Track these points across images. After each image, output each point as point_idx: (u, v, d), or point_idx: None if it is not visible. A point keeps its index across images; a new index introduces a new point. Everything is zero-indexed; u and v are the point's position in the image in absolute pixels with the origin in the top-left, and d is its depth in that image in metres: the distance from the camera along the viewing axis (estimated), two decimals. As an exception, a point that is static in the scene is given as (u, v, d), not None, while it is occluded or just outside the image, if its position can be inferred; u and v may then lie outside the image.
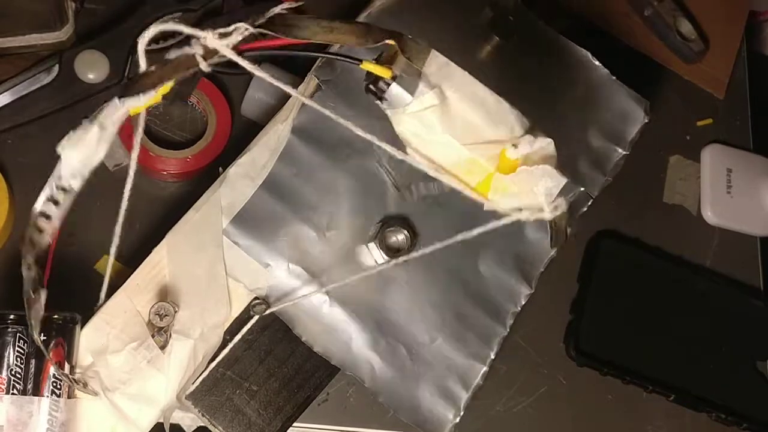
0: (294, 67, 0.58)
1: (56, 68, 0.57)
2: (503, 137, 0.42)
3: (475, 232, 0.43)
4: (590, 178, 0.58)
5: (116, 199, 0.59)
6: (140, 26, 0.58)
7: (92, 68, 0.57)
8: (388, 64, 0.39)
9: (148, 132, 0.58)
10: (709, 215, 0.69)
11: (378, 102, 0.41)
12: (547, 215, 0.41)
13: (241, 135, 0.58)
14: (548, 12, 0.62)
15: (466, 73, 0.41)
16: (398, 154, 0.41)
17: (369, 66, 0.39)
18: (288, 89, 0.39)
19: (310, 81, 0.53)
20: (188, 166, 0.57)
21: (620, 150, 0.59)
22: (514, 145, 0.41)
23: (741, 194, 0.70)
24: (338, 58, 0.42)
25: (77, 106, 0.57)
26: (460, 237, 0.43)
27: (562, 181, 0.41)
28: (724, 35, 0.75)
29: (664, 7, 0.72)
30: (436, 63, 0.41)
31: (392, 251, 0.52)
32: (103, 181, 0.45)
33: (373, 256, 0.52)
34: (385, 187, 0.54)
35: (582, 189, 0.57)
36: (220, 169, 0.52)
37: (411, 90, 0.40)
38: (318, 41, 0.38)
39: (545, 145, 0.42)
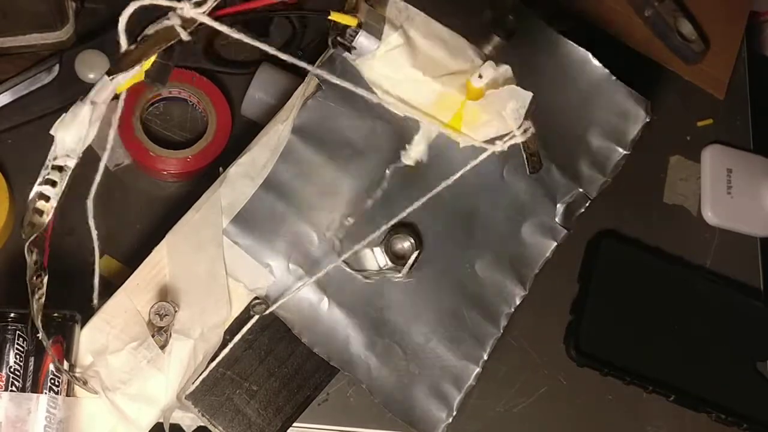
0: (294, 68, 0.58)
1: (57, 68, 0.57)
2: (466, 67, 0.45)
3: (457, 175, 0.46)
4: (589, 178, 0.58)
5: (117, 199, 0.59)
6: (140, 26, 0.58)
7: (92, 68, 0.57)
8: (353, 12, 0.42)
9: (148, 132, 0.58)
10: (710, 215, 0.69)
11: (347, 54, 0.44)
12: (518, 138, 0.44)
13: (242, 135, 0.58)
14: (549, 12, 0.62)
15: (423, 13, 0.44)
16: (370, 96, 0.43)
17: (337, 16, 0.42)
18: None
19: (311, 81, 0.53)
20: (188, 166, 0.57)
21: (621, 150, 0.59)
22: (479, 75, 0.44)
23: (741, 195, 0.70)
24: (307, 13, 0.45)
25: (78, 105, 0.57)
26: (443, 185, 0.47)
27: (528, 96, 0.44)
28: (725, 36, 0.75)
29: (665, 7, 0.72)
30: (396, 6, 0.43)
31: (397, 258, 0.52)
32: (103, 180, 0.45)
33: (377, 261, 0.52)
34: (385, 186, 0.53)
35: (580, 190, 0.57)
36: (221, 169, 0.52)
37: (377, 35, 0.43)
38: None
39: (504, 70, 0.45)
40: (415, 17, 0.44)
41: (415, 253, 0.51)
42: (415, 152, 0.52)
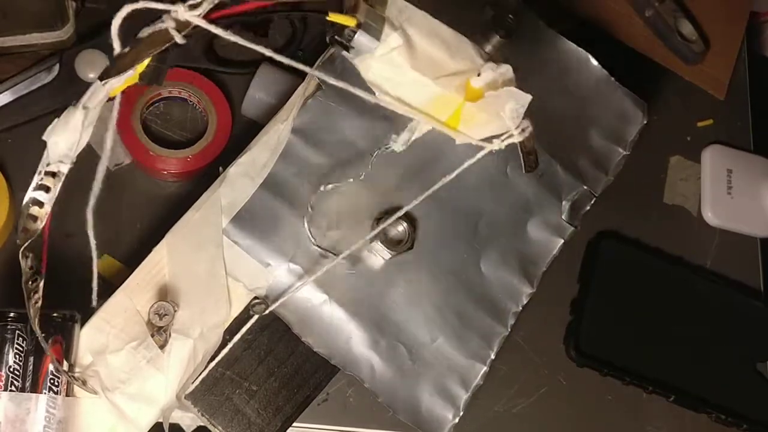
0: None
1: (57, 67, 0.57)
2: (466, 68, 0.44)
3: (456, 172, 0.45)
4: (593, 177, 0.58)
5: (117, 199, 0.59)
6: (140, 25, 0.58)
7: (93, 68, 0.57)
8: (352, 12, 0.42)
9: (148, 131, 0.58)
10: (710, 216, 0.69)
11: (345, 53, 0.43)
12: (516, 138, 0.44)
13: (242, 135, 0.58)
14: (549, 12, 0.62)
15: (424, 12, 0.44)
16: (368, 97, 0.42)
17: (335, 17, 0.42)
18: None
19: (311, 81, 0.53)
20: (188, 166, 0.57)
21: (620, 150, 0.59)
22: (478, 74, 0.43)
23: (741, 195, 0.70)
24: (305, 11, 0.45)
25: (78, 105, 0.57)
26: (439, 184, 0.46)
27: (527, 98, 0.43)
28: (725, 36, 0.75)
29: (665, 8, 0.72)
30: (396, 6, 0.43)
31: (394, 244, 0.52)
32: (103, 180, 0.44)
33: (379, 255, 0.52)
34: (385, 186, 0.53)
35: (585, 187, 0.57)
36: (221, 168, 0.52)
37: (376, 35, 0.42)
38: None
39: (504, 70, 0.44)
40: (414, 16, 0.44)
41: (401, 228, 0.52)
42: (403, 138, 0.52)
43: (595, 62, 0.60)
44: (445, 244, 0.54)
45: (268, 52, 0.41)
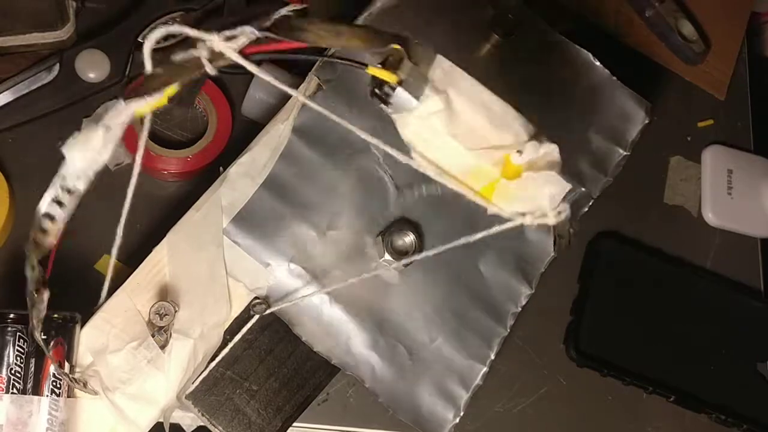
0: (294, 67, 0.58)
1: (57, 67, 0.57)
2: (508, 143, 0.42)
3: (479, 235, 0.43)
4: (591, 178, 0.58)
5: (117, 199, 0.59)
6: (141, 26, 0.58)
7: (93, 67, 0.57)
8: (394, 68, 0.39)
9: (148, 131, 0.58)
10: (710, 216, 0.69)
11: (383, 106, 0.41)
12: (551, 220, 0.41)
13: (242, 135, 0.58)
14: (549, 12, 0.62)
15: (472, 78, 0.41)
16: (401, 157, 0.41)
17: (375, 71, 0.39)
18: (289, 90, 0.39)
19: (311, 81, 0.53)
20: (189, 166, 0.57)
21: (621, 150, 0.59)
22: (519, 151, 0.41)
23: (742, 195, 0.70)
24: (344, 62, 0.42)
25: (78, 105, 0.57)
26: (462, 240, 0.43)
27: (566, 187, 0.41)
28: (726, 36, 0.75)
29: (666, 8, 0.72)
30: (442, 68, 0.40)
31: (399, 254, 0.52)
32: (103, 180, 0.44)
33: (391, 268, 0.52)
34: (386, 186, 0.53)
35: (583, 189, 0.57)
36: (221, 168, 0.52)
37: (416, 94, 0.40)
38: (323, 45, 0.38)
39: (550, 150, 0.42)
40: (460, 81, 0.41)
41: (416, 255, 0.51)
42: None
43: (597, 62, 0.60)
44: (443, 245, 0.54)
45: (301, 97, 0.40)
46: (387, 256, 0.52)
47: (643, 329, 0.63)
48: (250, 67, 0.36)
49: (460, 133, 0.41)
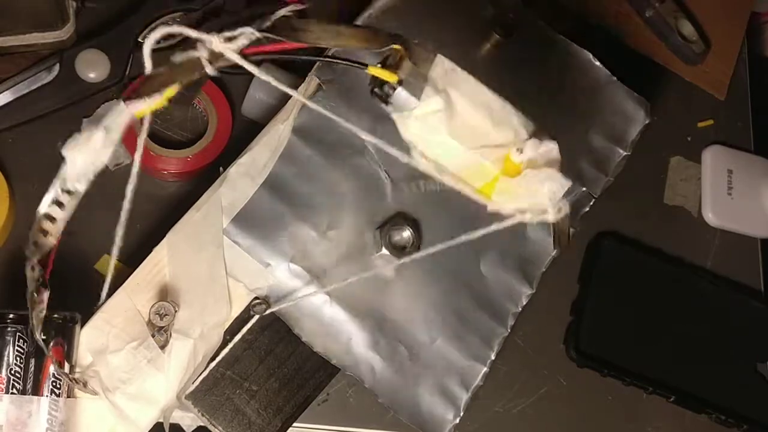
0: (294, 67, 0.58)
1: (57, 67, 0.57)
2: (508, 140, 0.42)
3: (479, 233, 0.43)
4: (592, 177, 0.58)
5: (116, 199, 0.59)
6: (141, 26, 0.58)
7: (93, 67, 0.57)
8: (394, 68, 0.39)
9: (148, 131, 0.58)
10: (710, 216, 0.69)
11: (383, 105, 0.41)
12: (551, 218, 0.42)
13: (242, 135, 0.58)
14: (549, 12, 0.62)
15: (472, 77, 0.41)
16: (401, 156, 0.41)
17: (375, 71, 0.39)
18: (289, 90, 0.39)
19: (311, 81, 0.53)
20: (189, 166, 0.57)
21: (621, 150, 0.59)
22: (519, 149, 0.41)
23: (742, 195, 0.70)
24: (344, 62, 0.42)
25: (78, 105, 0.57)
26: (463, 238, 0.43)
27: (567, 184, 0.41)
28: (726, 36, 0.75)
29: (666, 8, 0.72)
30: (442, 67, 0.41)
31: (398, 249, 0.52)
32: (103, 180, 0.44)
33: (388, 263, 0.52)
34: (386, 186, 0.53)
35: (584, 189, 0.57)
36: (221, 168, 0.52)
37: (417, 94, 0.40)
38: (323, 46, 0.39)
39: (550, 148, 0.42)
40: (460, 80, 0.41)
41: (414, 253, 0.51)
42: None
43: (596, 62, 0.60)
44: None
45: (301, 98, 0.40)
46: (384, 251, 0.52)
47: (643, 329, 0.63)
48: (250, 68, 0.36)
49: (460, 132, 0.42)
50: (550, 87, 0.59)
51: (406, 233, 0.52)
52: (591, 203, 0.58)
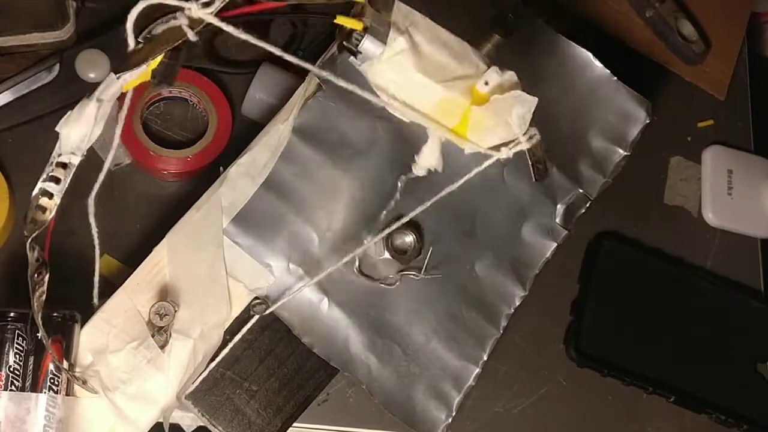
0: (294, 68, 0.58)
1: (57, 67, 0.57)
2: (471, 73, 0.45)
3: (461, 181, 0.46)
4: (590, 179, 0.58)
5: (117, 199, 0.59)
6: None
7: (93, 67, 0.57)
8: (359, 17, 0.43)
9: (148, 131, 0.58)
10: (710, 216, 0.69)
11: (352, 59, 0.44)
12: (524, 145, 0.44)
13: (242, 135, 0.58)
14: (549, 12, 0.62)
15: (428, 18, 0.45)
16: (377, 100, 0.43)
17: (342, 19, 0.42)
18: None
19: (311, 81, 0.53)
20: (189, 166, 0.57)
21: (621, 151, 0.59)
22: (486, 82, 0.45)
23: (742, 196, 0.70)
24: (313, 15, 0.46)
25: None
26: (446, 190, 0.47)
27: (533, 102, 0.44)
28: (726, 37, 0.75)
29: (666, 8, 0.72)
30: (401, 11, 0.44)
31: (400, 253, 0.52)
32: (103, 180, 0.44)
33: (391, 268, 0.52)
34: (386, 186, 0.53)
35: (580, 191, 0.57)
36: (221, 168, 0.52)
37: (383, 39, 0.43)
38: (294, 1, 0.43)
39: (509, 76, 0.46)
40: (419, 22, 0.45)
41: (429, 253, 0.52)
42: (425, 162, 0.52)
43: (597, 62, 0.60)
44: (442, 246, 0.54)
45: (276, 51, 0.42)
46: (386, 255, 0.52)
47: (643, 329, 0.63)
48: (228, 28, 0.39)
49: (428, 68, 0.45)
50: (551, 87, 0.59)
51: (409, 238, 0.52)
52: (587, 205, 0.58)
